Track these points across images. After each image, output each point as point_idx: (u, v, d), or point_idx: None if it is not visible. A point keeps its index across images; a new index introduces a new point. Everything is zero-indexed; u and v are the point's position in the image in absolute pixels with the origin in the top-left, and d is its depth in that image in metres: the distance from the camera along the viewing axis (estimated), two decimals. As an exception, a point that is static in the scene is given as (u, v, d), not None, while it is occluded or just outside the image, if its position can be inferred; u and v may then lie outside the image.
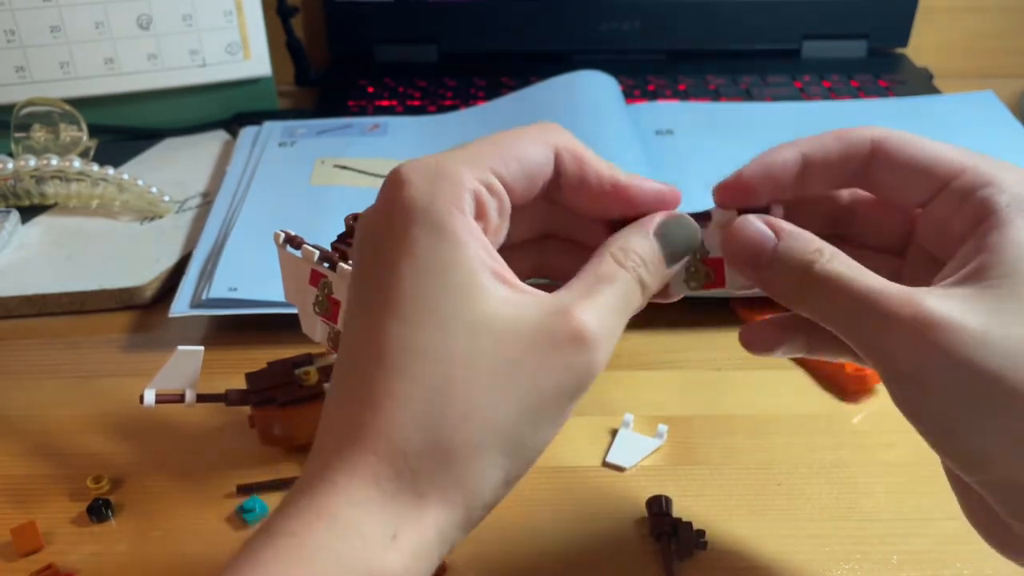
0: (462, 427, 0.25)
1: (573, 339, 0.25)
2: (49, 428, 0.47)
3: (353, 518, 0.24)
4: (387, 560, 0.24)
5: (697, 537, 0.39)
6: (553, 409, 0.26)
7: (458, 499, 0.25)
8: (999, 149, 0.65)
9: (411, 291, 0.25)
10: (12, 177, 0.62)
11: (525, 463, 0.26)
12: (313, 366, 0.45)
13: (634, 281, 0.28)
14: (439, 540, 0.25)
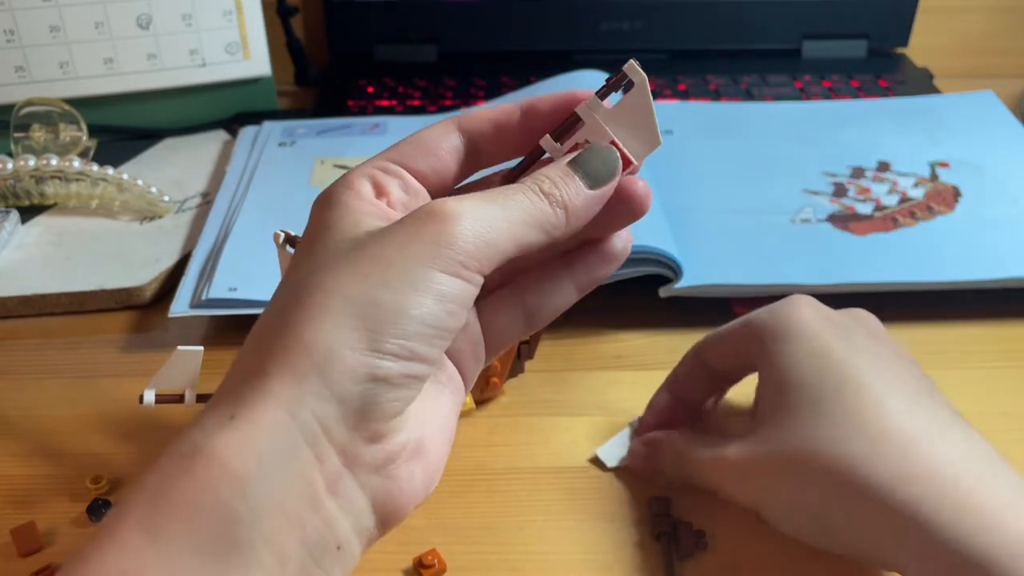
0: (305, 298, 0.26)
1: (424, 214, 0.27)
2: (49, 428, 0.47)
3: (200, 418, 0.25)
4: (221, 438, 0.24)
5: (697, 537, 0.39)
6: (408, 274, 0.26)
7: (307, 365, 0.25)
8: (999, 149, 0.65)
9: (302, 244, 0.28)
10: (12, 177, 0.62)
11: (397, 330, 0.25)
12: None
13: (529, 189, 0.28)
14: (288, 412, 0.24)
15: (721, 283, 0.52)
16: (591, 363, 0.51)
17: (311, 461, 0.25)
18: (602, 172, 0.30)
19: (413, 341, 0.26)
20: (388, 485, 0.27)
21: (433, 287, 0.26)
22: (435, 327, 0.26)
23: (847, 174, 0.63)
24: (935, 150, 0.66)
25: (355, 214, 0.28)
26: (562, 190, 0.29)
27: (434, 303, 0.26)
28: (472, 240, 0.26)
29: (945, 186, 0.61)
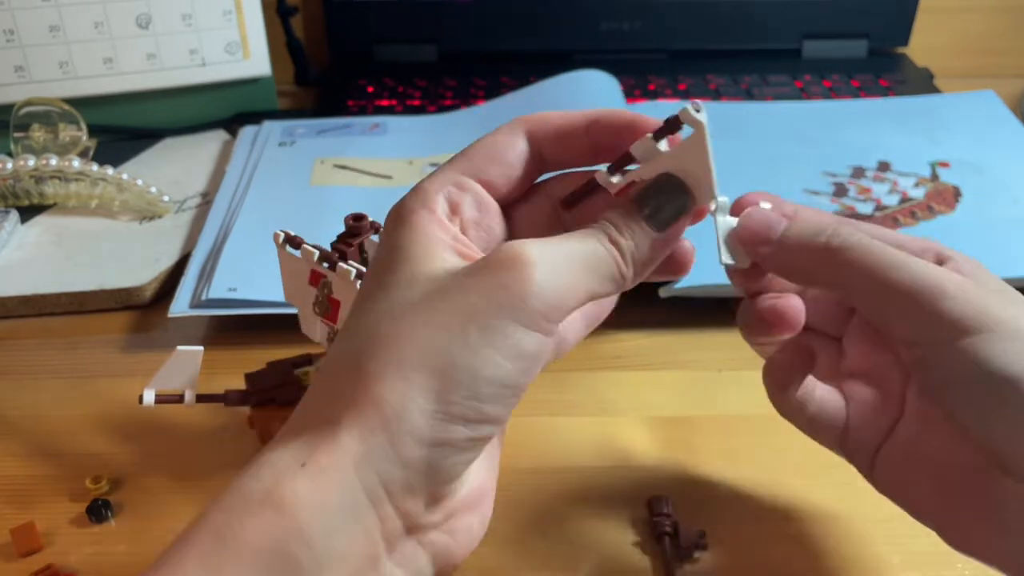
0: (381, 349, 0.25)
1: (504, 260, 0.25)
2: (49, 428, 0.47)
3: (269, 456, 0.25)
4: (290, 486, 0.23)
5: (697, 537, 0.39)
6: (486, 330, 0.24)
7: (376, 422, 0.24)
8: (999, 149, 0.65)
9: (375, 271, 0.27)
10: (11, 177, 0.62)
11: (468, 391, 0.24)
12: (313, 366, 0.45)
13: (599, 236, 0.27)
14: (355, 466, 0.24)
15: (721, 283, 0.52)
16: (591, 363, 0.51)
17: (373, 520, 0.24)
18: (670, 214, 0.28)
19: (486, 403, 0.25)
20: (447, 540, 0.26)
21: (512, 345, 0.25)
22: (510, 387, 0.25)
23: (847, 174, 0.63)
24: (935, 150, 0.66)
25: (430, 242, 0.27)
26: (633, 241, 0.28)
27: (511, 362, 0.25)
28: (553, 291, 0.25)
29: (946, 186, 0.61)
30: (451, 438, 0.25)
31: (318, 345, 0.41)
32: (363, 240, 0.40)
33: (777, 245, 0.31)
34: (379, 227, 0.41)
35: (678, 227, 0.29)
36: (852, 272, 0.29)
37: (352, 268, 0.37)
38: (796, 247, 0.30)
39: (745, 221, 0.32)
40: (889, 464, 0.32)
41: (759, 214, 0.31)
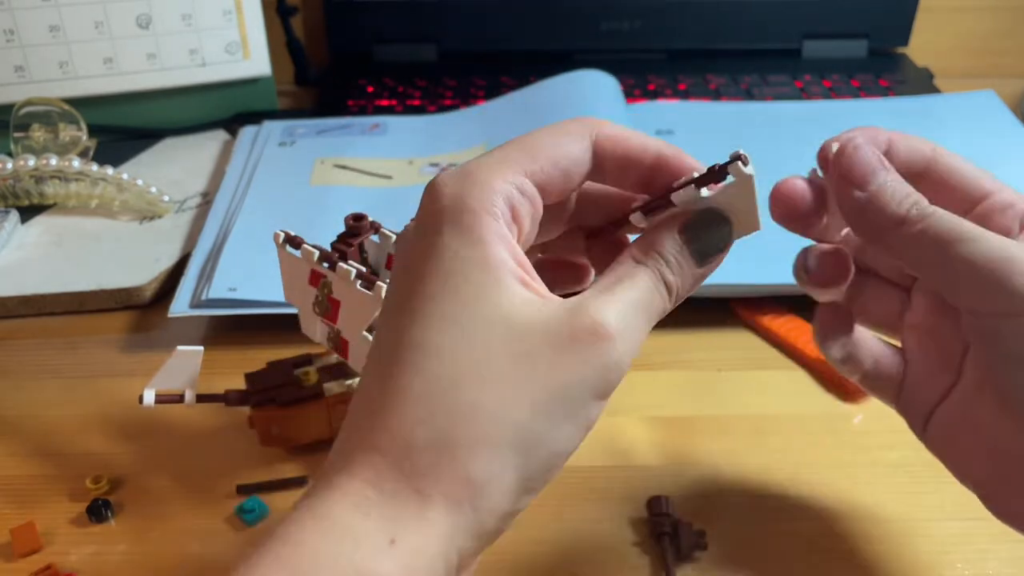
0: (470, 421, 0.24)
1: (590, 333, 0.25)
2: (49, 428, 0.47)
3: (349, 521, 0.23)
4: (382, 566, 0.23)
5: (697, 537, 0.39)
6: (570, 405, 0.25)
7: (464, 500, 0.24)
8: (999, 149, 0.65)
9: (433, 291, 0.25)
10: (11, 177, 0.62)
11: (544, 466, 0.25)
12: (313, 366, 0.45)
13: (655, 279, 0.27)
14: (443, 547, 0.23)
15: (721, 283, 0.52)
16: (591, 363, 0.51)
17: None
18: (713, 250, 0.28)
19: (552, 473, 0.25)
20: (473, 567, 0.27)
21: (587, 418, 0.25)
22: (571, 455, 0.25)
23: (847, 174, 0.63)
24: (935, 150, 0.65)
25: (500, 268, 0.25)
26: (678, 277, 0.28)
27: (582, 433, 0.25)
28: (626, 359, 0.26)
29: (945, 186, 0.61)
30: (520, 507, 0.25)
31: (318, 345, 0.41)
32: (363, 240, 0.40)
33: (870, 196, 0.30)
34: (379, 227, 0.41)
35: (718, 261, 0.29)
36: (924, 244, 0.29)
37: (352, 268, 0.37)
38: (886, 207, 0.30)
39: (847, 155, 0.31)
40: (942, 426, 0.32)
41: (866, 152, 0.31)
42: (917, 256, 0.30)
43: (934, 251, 0.29)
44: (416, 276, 0.25)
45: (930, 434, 0.33)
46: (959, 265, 0.28)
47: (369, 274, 0.37)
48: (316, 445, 0.44)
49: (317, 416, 0.43)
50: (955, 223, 0.29)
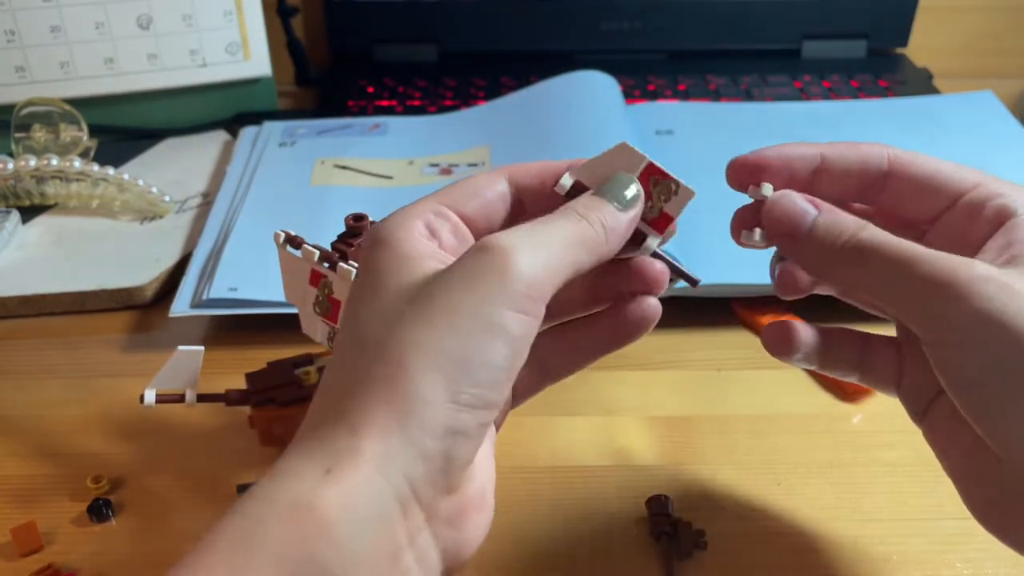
0: (384, 357, 0.26)
1: (479, 248, 0.27)
2: (49, 428, 0.47)
3: (289, 464, 0.25)
4: (320, 493, 0.24)
5: (697, 537, 0.39)
6: (479, 319, 0.26)
7: (392, 421, 0.25)
8: (999, 149, 0.65)
9: (366, 288, 0.28)
10: (12, 177, 0.62)
11: (471, 379, 0.25)
12: (313, 366, 0.45)
13: (571, 215, 0.29)
14: (381, 471, 0.24)
15: (721, 283, 0.52)
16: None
17: (398, 518, 0.25)
18: (628, 196, 0.30)
19: (486, 389, 0.26)
20: (457, 537, 0.27)
21: (502, 329, 0.26)
22: (505, 370, 0.26)
23: (847, 174, 0.63)
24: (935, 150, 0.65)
25: (412, 256, 0.28)
26: (599, 210, 0.29)
27: (504, 346, 0.26)
28: (533, 270, 0.26)
29: (945, 186, 0.61)
30: (462, 427, 0.25)
31: (318, 345, 0.42)
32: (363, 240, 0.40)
33: (805, 240, 0.31)
34: (379, 227, 0.41)
35: (638, 208, 0.30)
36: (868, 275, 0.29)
37: (352, 268, 0.37)
38: (821, 241, 0.30)
39: (773, 208, 0.32)
40: (936, 420, 0.32)
41: (789, 202, 0.31)
42: (866, 286, 0.30)
43: (878, 281, 0.29)
44: (358, 286, 0.29)
45: (926, 427, 0.33)
46: (899, 296, 0.29)
47: (369, 274, 0.37)
48: (316, 445, 0.44)
49: (317, 416, 0.43)
50: (893, 249, 0.29)
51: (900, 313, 0.29)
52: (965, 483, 0.31)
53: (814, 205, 0.31)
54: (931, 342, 0.28)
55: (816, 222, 0.31)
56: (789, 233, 0.31)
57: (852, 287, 0.31)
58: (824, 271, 0.31)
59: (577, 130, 0.65)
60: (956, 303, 0.27)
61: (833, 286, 0.33)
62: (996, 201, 0.30)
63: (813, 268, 0.32)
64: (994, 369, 0.27)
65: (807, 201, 0.31)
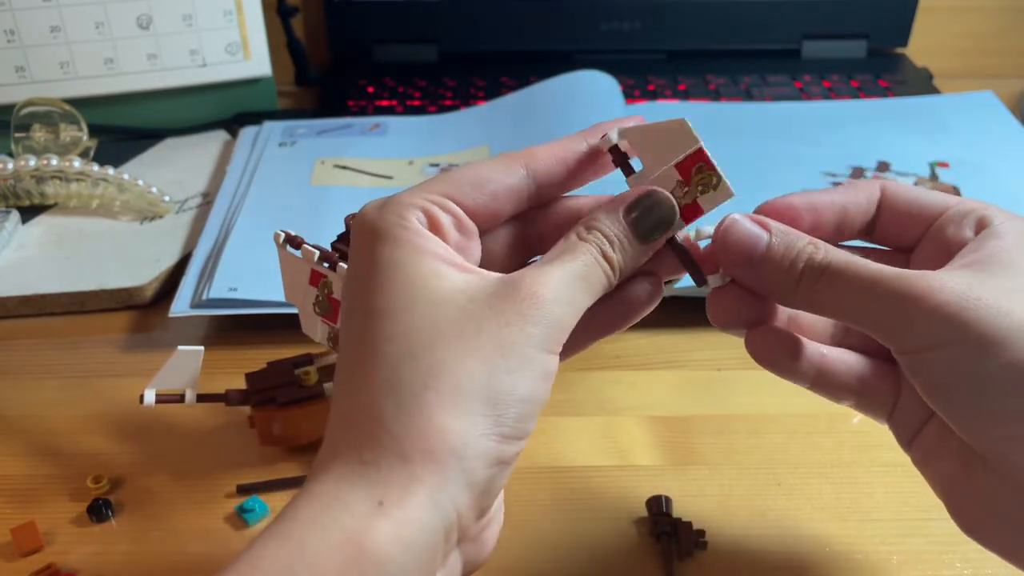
0: (433, 381, 0.26)
1: (526, 296, 0.27)
2: (49, 428, 0.47)
3: (336, 492, 0.25)
4: (373, 526, 0.24)
5: (697, 537, 0.39)
6: (521, 358, 0.26)
7: (445, 451, 0.25)
8: (999, 149, 0.65)
9: (381, 288, 0.27)
10: (12, 177, 0.62)
11: (515, 413, 0.26)
12: (313, 366, 0.45)
13: (595, 254, 0.29)
14: (433, 502, 0.25)
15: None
16: (590, 363, 0.51)
17: (441, 545, 0.25)
18: (657, 228, 0.30)
19: (527, 422, 0.27)
20: (476, 550, 0.28)
21: (543, 368, 0.27)
22: (541, 404, 0.27)
23: (847, 174, 0.63)
24: (935, 150, 0.66)
25: (427, 258, 0.27)
26: (620, 255, 0.29)
27: (543, 383, 0.27)
28: (564, 318, 0.28)
29: (945, 186, 0.61)
30: (505, 456, 0.26)
31: (318, 345, 0.42)
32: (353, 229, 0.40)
33: (761, 265, 0.30)
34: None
35: (665, 238, 0.30)
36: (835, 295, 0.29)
37: (352, 268, 0.37)
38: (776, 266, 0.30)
39: (725, 237, 0.31)
40: (922, 444, 0.32)
41: (740, 229, 0.30)
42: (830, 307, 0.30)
43: (843, 301, 0.29)
44: (363, 285, 0.28)
45: (914, 451, 0.33)
46: (865, 313, 0.29)
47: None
48: (316, 445, 0.44)
49: (317, 416, 0.43)
50: (851, 267, 0.29)
51: (867, 328, 0.29)
52: (953, 498, 0.31)
53: (763, 227, 0.30)
54: (902, 351, 0.29)
55: (770, 245, 0.30)
56: (745, 261, 0.30)
57: (815, 308, 0.30)
58: (785, 296, 0.30)
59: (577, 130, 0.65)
60: (922, 310, 0.27)
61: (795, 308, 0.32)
62: (975, 215, 0.31)
63: (774, 293, 0.31)
64: (962, 371, 0.27)
65: (757, 224, 0.30)
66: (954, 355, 0.27)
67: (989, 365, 0.27)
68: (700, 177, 0.30)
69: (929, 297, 0.27)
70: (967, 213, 0.31)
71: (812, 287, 0.29)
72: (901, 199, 0.32)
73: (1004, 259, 0.29)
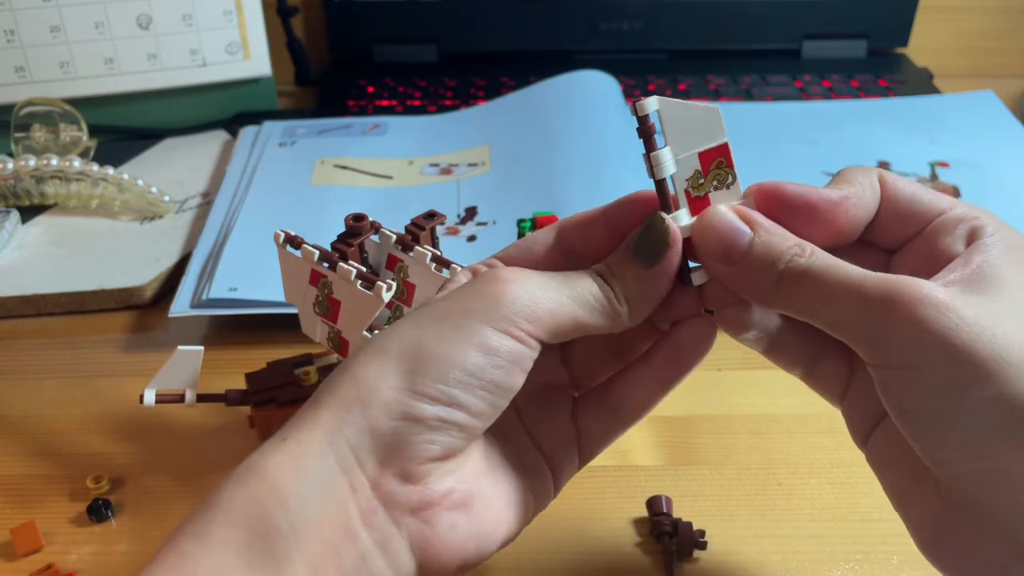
0: (367, 347, 0.28)
1: (484, 278, 0.29)
2: (49, 428, 0.47)
3: (263, 443, 0.27)
4: (271, 457, 0.26)
5: (697, 537, 0.39)
6: (457, 326, 0.27)
7: (350, 397, 0.27)
8: (999, 149, 0.65)
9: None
10: (12, 177, 0.62)
11: (440, 375, 0.27)
12: (313, 366, 0.45)
13: (591, 274, 0.30)
14: (329, 436, 0.26)
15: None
16: (591, 363, 0.51)
17: (345, 488, 0.26)
18: (655, 249, 0.30)
19: (453, 388, 0.27)
20: (425, 531, 0.27)
21: (481, 340, 0.27)
22: (478, 377, 0.27)
23: (847, 174, 0.63)
24: (935, 150, 0.66)
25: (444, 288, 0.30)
26: (623, 280, 0.30)
27: (479, 355, 0.27)
28: (526, 304, 0.28)
29: (945, 186, 0.61)
30: (419, 415, 0.27)
31: (318, 345, 0.42)
32: (363, 240, 0.40)
33: (741, 263, 0.29)
34: (379, 227, 0.41)
35: (668, 260, 0.30)
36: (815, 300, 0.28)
37: (352, 268, 0.37)
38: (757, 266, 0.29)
39: (705, 230, 0.29)
40: (879, 445, 0.31)
41: (721, 221, 0.29)
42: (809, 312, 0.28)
43: (821, 306, 0.28)
44: None
45: (869, 450, 0.32)
46: (842, 319, 0.27)
47: (369, 274, 0.37)
48: (316, 445, 0.44)
49: (317, 416, 0.43)
50: (832, 271, 0.28)
51: (843, 335, 0.28)
52: (908, 512, 0.30)
53: (749, 223, 0.29)
54: (876, 364, 0.27)
55: (753, 243, 0.29)
56: (724, 257, 0.29)
57: (793, 312, 0.29)
58: (762, 298, 0.29)
59: (577, 130, 0.65)
60: (901, 323, 0.26)
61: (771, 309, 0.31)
62: (969, 223, 0.30)
63: (750, 294, 0.30)
64: (938, 394, 0.26)
65: (742, 219, 0.29)
66: (931, 379, 0.26)
67: (971, 395, 0.25)
68: (718, 172, 0.30)
69: (912, 309, 0.26)
70: (960, 221, 0.30)
71: (790, 291, 0.28)
72: (902, 197, 0.31)
73: (991, 274, 0.27)
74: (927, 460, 0.28)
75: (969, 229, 0.29)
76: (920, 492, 0.29)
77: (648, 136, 0.29)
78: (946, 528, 0.28)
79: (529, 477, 0.32)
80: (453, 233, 0.58)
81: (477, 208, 0.60)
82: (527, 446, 0.32)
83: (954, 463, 0.27)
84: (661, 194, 0.30)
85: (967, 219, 0.30)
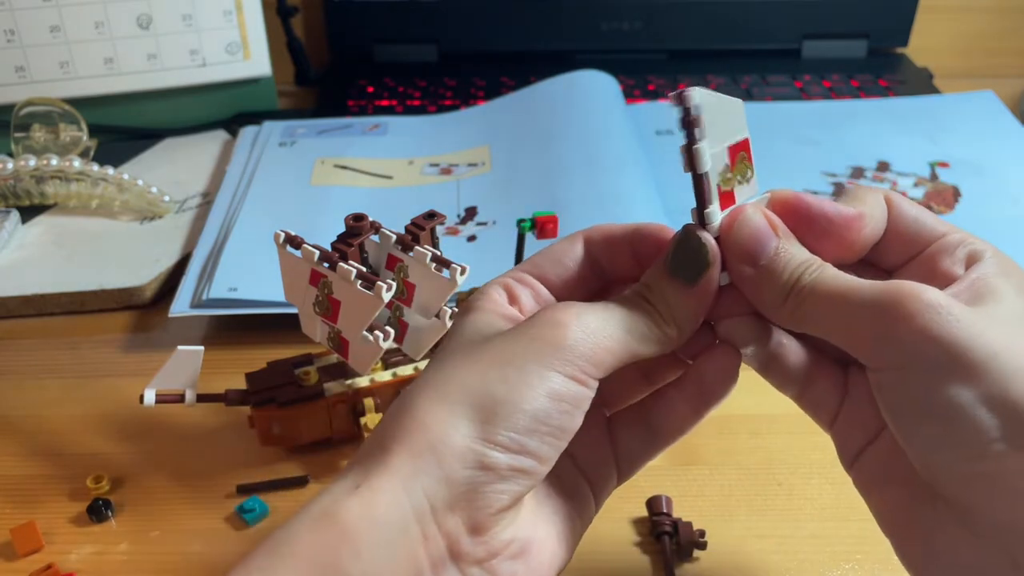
0: (427, 391, 0.28)
1: (543, 320, 0.28)
2: (49, 428, 0.47)
3: (330, 486, 0.27)
4: (345, 504, 0.26)
5: (697, 537, 0.39)
6: (521, 370, 0.27)
7: (423, 444, 0.26)
8: (999, 149, 0.65)
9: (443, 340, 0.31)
10: (12, 177, 0.62)
11: (510, 423, 0.27)
12: (313, 366, 0.45)
13: (639, 299, 0.29)
14: (404, 487, 0.26)
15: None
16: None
17: (418, 537, 0.26)
18: (696, 268, 0.29)
19: (523, 436, 0.27)
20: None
21: (547, 385, 0.27)
22: (546, 423, 0.27)
23: (847, 174, 0.63)
24: (935, 150, 0.66)
25: (487, 317, 0.30)
26: (666, 302, 0.29)
27: (547, 400, 0.27)
28: (586, 345, 0.28)
29: (945, 186, 0.61)
30: (492, 463, 0.26)
31: (318, 345, 0.41)
32: (363, 240, 0.40)
33: (763, 267, 0.29)
34: (379, 227, 0.41)
35: (709, 278, 0.29)
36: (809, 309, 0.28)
37: (352, 268, 0.37)
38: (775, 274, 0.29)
39: (737, 229, 0.29)
40: (867, 467, 0.31)
41: (754, 224, 0.29)
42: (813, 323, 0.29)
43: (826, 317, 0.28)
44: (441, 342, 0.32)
45: (856, 473, 0.32)
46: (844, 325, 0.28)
47: (369, 274, 0.37)
48: (316, 445, 0.44)
49: (317, 416, 0.43)
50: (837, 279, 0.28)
51: (844, 341, 0.28)
52: (897, 537, 0.30)
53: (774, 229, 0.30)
54: (876, 367, 0.28)
55: (777, 249, 0.29)
56: (751, 259, 0.29)
57: (798, 322, 0.29)
58: (772, 305, 0.29)
59: (577, 130, 0.65)
60: (903, 323, 0.26)
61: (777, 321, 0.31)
62: (968, 246, 0.30)
63: (762, 301, 0.30)
64: (931, 392, 0.26)
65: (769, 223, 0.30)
66: (925, 376, 0.26)
67: (964, 394, 0.25)
68: (741, 167, 0.30)
69: (908, 308, 0.26)
70: (959, 244, 0.30)
71: (799, 302, 0.29)
72: (907, 218, 0.31)
73: (988, 287, 0.28)
74: (922, 466, 0.28)
75: (968, 252, 0.30)
76: (909, 513, 0.29)
77: (691, 128, 0.29)
78: (937, 547, 0.28)
79: (572, 501, 0.32)
80: (453, 233, 0.58)
81: (477, 208, 0.60)
82: (568, 467, 0.32)
83: (948, 465, 0.27)
84: (701, 189, 0.29)
85: (966, 243, 0.30)
